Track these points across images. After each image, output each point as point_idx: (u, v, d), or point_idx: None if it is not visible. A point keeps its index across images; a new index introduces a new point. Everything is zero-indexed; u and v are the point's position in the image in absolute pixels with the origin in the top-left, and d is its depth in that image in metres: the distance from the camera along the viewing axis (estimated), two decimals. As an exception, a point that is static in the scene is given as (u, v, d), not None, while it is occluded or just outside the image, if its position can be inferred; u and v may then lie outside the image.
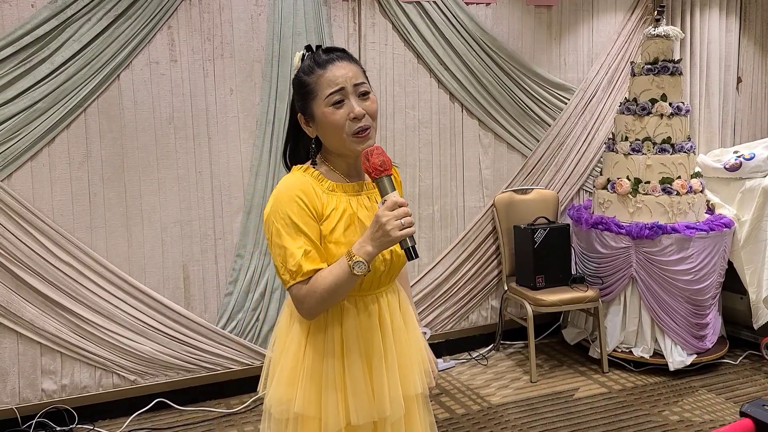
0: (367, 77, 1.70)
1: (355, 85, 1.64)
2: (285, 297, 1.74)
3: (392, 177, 1.61)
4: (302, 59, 1.71)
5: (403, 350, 1.76)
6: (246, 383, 3.76)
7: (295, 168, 1.72)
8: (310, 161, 1.72)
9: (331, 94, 1.62)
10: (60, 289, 3.34)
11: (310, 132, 1.70)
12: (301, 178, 1.66)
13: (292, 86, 1.73)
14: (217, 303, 3.71)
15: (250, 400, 3.69)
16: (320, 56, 1.67)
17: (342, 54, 1.68)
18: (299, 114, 1.71)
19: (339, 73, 1.63)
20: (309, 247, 1.61)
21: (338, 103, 1.62)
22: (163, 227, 3.56)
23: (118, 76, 3.39)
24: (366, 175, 1.73)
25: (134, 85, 3.42)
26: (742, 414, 1.15)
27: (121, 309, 3.47)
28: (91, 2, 3.24)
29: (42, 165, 3.30)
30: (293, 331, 1.73)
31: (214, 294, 3.70)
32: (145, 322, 3.52)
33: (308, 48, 1.72)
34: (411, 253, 1.55)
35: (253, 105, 3.67)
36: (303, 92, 1.67)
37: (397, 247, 1.64)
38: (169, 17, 3.45)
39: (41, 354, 3.37)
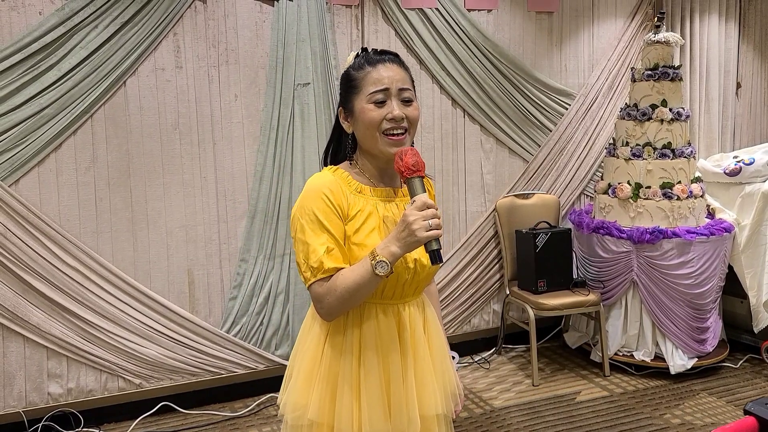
0: (414, 86, 1.70)
1: (400, 89, 1.64)
2: (310, 303, 1.73)
3: (426, 185, 1.61)
4: (356, 57, 1.71)
5: (423, 368, 1.70)
6: (250, 387, 3.80)
7: (325, 168, 1.72)
8: (347, 160, 1.71)
9: (374, 92, 1.62)
10: (66, 294, 3.37)
11: (347, 127, 1.70)
12: (330, 176, 1.65)
13: (340, 81, 1.74)
14: (221, 307, 3.74)
15: (254, 404, 3.72)
16: (372, 56, 1.68)
17: (394, 57, 1.69)
18: (340, 107, 1.71)
19: (386, 73, 1.64)
20: (332, 245, 1.59)
21: (380, 103, 1.62)
22: (168, 232, 3.59)
23: (125, 82, 3.42)
24: (398, 183, 1.72)
25: (140, 92, 3.46)
26: (746, 412, 1.18)
27: (126, 313, 3.50)
28: (97, 10, 3.28)
29: (49, 170, 3.33)
30: (312, 333, 1.70)
31: (219, 298, 3.73)
32: (150, 326, 3.55)
33: (363, 49, 1.74)
34: (435, 257, 1.54)
35: (257, 111, 3.71)
36: (348, 86, 1.68)
37: (422, 257, 1.62)
38: (175, 24, 3.49)
39: (47, 358, 3.39)
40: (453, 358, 1.92)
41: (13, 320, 3.30)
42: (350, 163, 1.71)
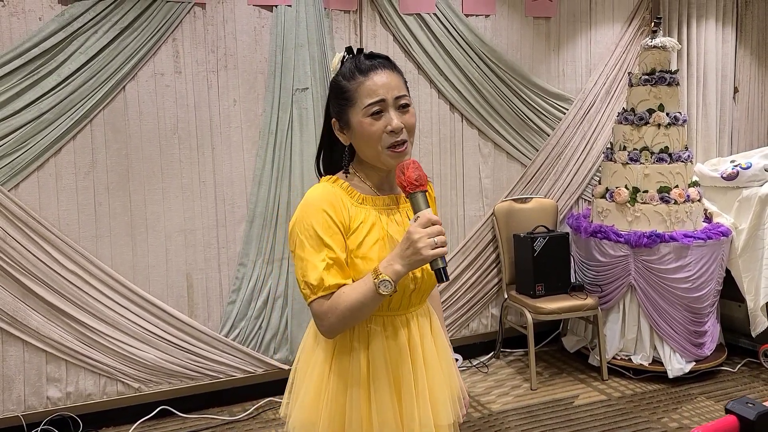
0: (408, 88, 1.62)
1: (396, 97, 1.56)
2: (307, 308, 1.67)
3: (427, 193, 1.54)
4: (342, 61, 1.62)
5: (434, 377, 1.65)
6: (248, 391, 3.80)
7: (324, 179, 1.65)
8: (342, 170, 1.64)
9: (370, 104, 1.54)
10: (65, 298, 3.38)
11: (343, 139, 1.62)
12: (330, 189, 1.58)
13: (329, 89, 1.65)
14: (220, 311, 3.74)
15: (253, 408, 3.72)
16: (363, 62, 1.58)
17: (385, 62, 1.60)
18: (333, 119, 1.63)
19: (380, 82, 1.55)
20: (332, 261, 1.52)
21: (376, 114, 1.55)
22: (167, 236, 3.60)
23: (124, 87, 3.44)
24: (398, 189, 1.64)
25: (139, 97, 3.48)
26: (727, 411, 1.21)
27: (125, 317, 3.51)
28: (97, 15, 3.30)
29: (48, 175, 3.34)
30: (318, 351, 1.64)
31: (218, 302, 3.74)
32: (149, 330, 3.56)
33: (349, 50, 1.63)
34: (441, 275, 1.46)
35: (256, 115, 3.72)
36: (341, 98, 1.59)
37: (427, 266, 1.54)
38: (174, 29, 3.51)
39: (46, 362, 3.40)
40: (456, 360, 1.87)
41: (13, 324, 3.31)
42: (346, 175, 1.64)
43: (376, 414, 1.57)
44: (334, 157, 1.70)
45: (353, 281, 1.54)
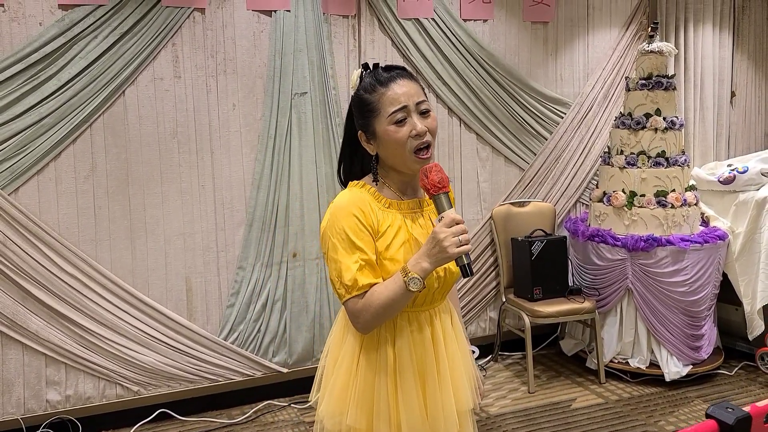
0: (426, 95, 1.72)
1: (417, 103, 1.67)
2: (339, 309, 1.80)
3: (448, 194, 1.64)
4: (361, 77, 1.73)
5: (456, 367, 1.77)
6: (247, 394, 3.81)
7: (351, 184, 1.75)
8: (371, 178, 1.73)
9: (394, 112, 1.65)
10: (65, 301, 3.39)
11: (370, 149, 1.72)
12: (358, 193, 1.69)
13: (351, 104, 1.75)
14: (219, 314, 3.76)
15: (252, 411, 3.74)
16: (381, 74, 1.69)
17: (402, 72, 1.71)
18: (359, 132, 1.73)
19: (401, 91, 1.66)
20: (364, 262, 1.63)
21: (401, 122, 1.65)
22: (166, 240, 3.61)
23: (123, 92, 3.46)
24: (421, 193, 1.76)
25: (139, 101, 3.49)
26: (707, 416, 1.23)
27: (124, 320, 3.52)
28: (97, 20, 3.32)
29: (48, 179, 3.36)
30: (346, 345, 1.75)
31: (216, 306, 3.75)
32: (148, 334, 3.57)
33: (365, 66, 1.74)
34: (467, 270, 1.57)
35: (255, 120, 3.74)
36: (365, 110, 1.69)
37: (451, 265, 1.67)
38: (174, 34, 3.52)
39: (46, 365, 3.41)
40: (473, 352, 1.99)
41: (12, 327, 3.32)
42: (376, 183, 1.73)
43: (403, 403, 1.68)
44: (353, 168, 1.81)
45: (383, 280, 1.65)
